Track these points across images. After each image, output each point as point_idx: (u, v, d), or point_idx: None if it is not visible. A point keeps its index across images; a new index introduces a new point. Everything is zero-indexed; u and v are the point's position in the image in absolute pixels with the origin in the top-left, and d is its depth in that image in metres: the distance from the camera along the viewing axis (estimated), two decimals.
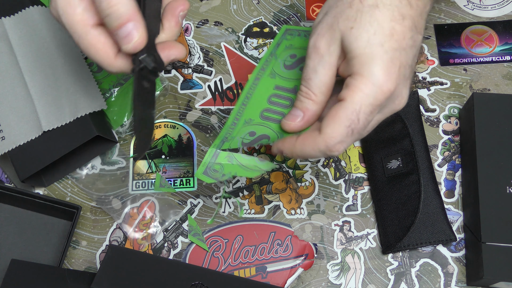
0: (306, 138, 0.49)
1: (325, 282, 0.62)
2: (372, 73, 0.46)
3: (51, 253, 0.64)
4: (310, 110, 0.50)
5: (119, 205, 0.65)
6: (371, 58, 0.46)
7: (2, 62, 0.65)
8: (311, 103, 0.50)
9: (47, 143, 0.63)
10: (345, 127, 0.47)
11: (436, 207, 0.62)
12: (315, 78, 0.49)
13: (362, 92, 0.46)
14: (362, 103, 0.47)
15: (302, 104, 0.50)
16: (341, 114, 0.47)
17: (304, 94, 0.50)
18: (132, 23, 0.45)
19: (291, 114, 0.52)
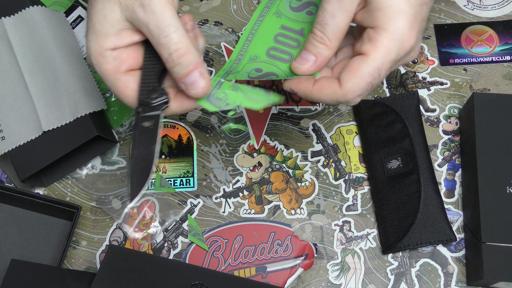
0: (325, 87, 0.49)
1: (325, 282, 0.62)
2: (397, 29, 0.46)
3: (51, 253, 0.64)
4: (323, 55, 0.50)
5: (119, 205, 0.65)
6: (397, 12, 0.46)
7: (2, 62, 0.65)
8: (324, 49, 0.49)
9: (47, 143, 0.63)
10: (367, 83, 0.47)
11: (436, 207, 0.62)
12: (332, 23, 0.48)
13: (386, 48, 0.46)
14: (385, 59, 0.47)
15: (315, 49, 0.50)
16: (364, 70, 0.47)
17: (318, 39, 0.49)
18: (198, 70, 0.49)
19: (302, 57, 0.51)
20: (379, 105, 0.67)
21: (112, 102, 0.68)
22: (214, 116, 0.69)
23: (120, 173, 0.67)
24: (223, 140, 0.68)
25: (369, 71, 0.47)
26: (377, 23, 0.47)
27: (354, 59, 0.48)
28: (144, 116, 0.50)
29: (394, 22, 0.46)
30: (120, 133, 0.69)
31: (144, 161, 0.49)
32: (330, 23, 0.48)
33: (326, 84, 0.49)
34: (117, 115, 0.68)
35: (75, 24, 0.71)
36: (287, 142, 0.68)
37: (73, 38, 0.69)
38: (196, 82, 0.49)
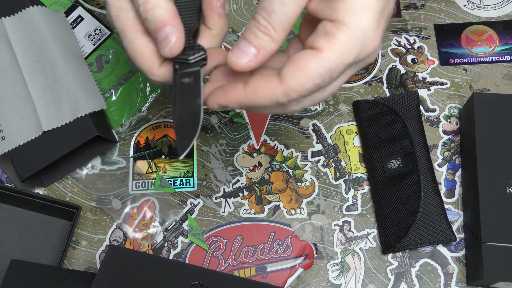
0: (260, 88, 0.42)
1: (325, 282, 0.62)
2: (361, 26, 0.39)
3: (51, 253, 0.64)
4: (267, 49, 0.42)
5: (119, 205, 0.65)
6: (362, 6, 0.39)
7: (2, 62, 0.65)
8: (269, 41, 0.42)
9: (47, 143, 0.63)
10: (314, 84, 0.41)
11: (436, 207, 0.62)
12: (280, 11, 0.41)
13: (344, 47, 0.40)
14: (340, 61, 0.40)
15: (258, 41, 0.42)
16: (313, 68, 0.40)
17: (262, 28, 0.41)
18: (169, 27, 0.44)
19: (240, 49, 0.42)
20: (379, 105, 0.67)
21: (112, 102, 0.68)
22: (214, 116, 0.69)
23: (120, 173, 0.67)
24: (223, 140, 0.68)
25: (319, 71, 0.40)
26: (337, 16, 0.40)
27: (303, 53, 0.41)
28: (183, 73, 0.47)
29: (357, 18, 0.39)
30: (120, 133, 0.69)
31: (190, 115, 0.45)
32: (278, 11, 0.40)
33: (261, 83, 0.42)
34: (117, 115, 0.69)
35: (75, 24, 0.71)
36: (287, 142, 0.68)
37: (73, 38, 0.69)
38: (165, 40, 0.45)
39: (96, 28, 0.71)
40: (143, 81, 0.69)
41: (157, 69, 0.47)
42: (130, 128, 0.69)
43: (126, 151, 0.68)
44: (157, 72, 0.47)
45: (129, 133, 0.69)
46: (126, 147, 0.68)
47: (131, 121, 0.69)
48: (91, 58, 0.70)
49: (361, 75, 0.71)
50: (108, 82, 0.69)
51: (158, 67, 0.47)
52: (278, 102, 0.42)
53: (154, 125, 0.69)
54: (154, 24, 0.45)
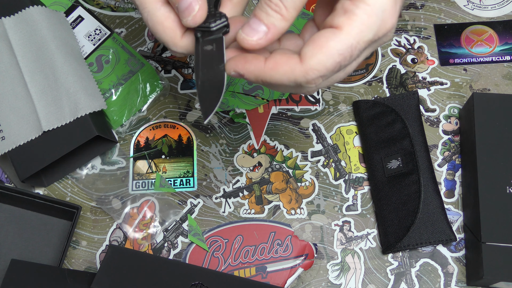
0: (281, 64, 0.41)
1: (325, 282, 0.62)
2: (379, 2, 0.39)
3: (51, 253, 0.64)
4: (278, 27, 0.41)
5: (119, 205, 0.65)
6: None
7: (2, 62, 0.65)
8: (279, 19, 0.41)
9: (47, 143, 0.63)
10: (335, 62, 0.40)
11: (436, 207, 0.62)
12: None
13: (364, 24, 0.39)
14: (361, 38, 0.40)
15: (268, 19, 0.41)
16: (333, 46, 0.39)
17: (273, 6, 0.41)
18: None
19: (251, 27, 0.42)
20: (379, 105, 0.67)
21: (112, 102, 0.68)
22: (214, 116, 0.69)
23: (120, 173, 0.67)
24: (223, 140, 0.68)
25: (340, 48, 0.39)
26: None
27: (323, 32, 0.40)
28: (205, 40, 0.46)
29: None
30: (120, 133, 0.69)
31: (213, 81, 0.44)
32: None
33: (283, 59, 0.41)
34: (117, 115, 0.69)
35: (75, 24, 0.71)
36: (287, 142, 0.68)
37: (73, 38, 0.69)
38: (188, 9, 0.43)
39: (96, 28, 0.71)
40: (143, 81, 0.69)
41: (179, 40, 0.46)
42: (130, 128, 0.69)
43: (126, 151, 0.68)
44: (180, 43, 0.46)
45: (129, 133, 0.69)
46: (126, 147, 0.68)
47: (131, 121, 0.69)
48: (91, 58, 0.70)
49: (361, 75, 0.71)
50: (108, 82, 0.69)
51: (180, 37, 0.46)
52: (296, 81, 0.41)
53: (154, 125, 0.69)
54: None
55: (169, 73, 0.72)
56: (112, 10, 0.75)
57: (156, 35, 0.47)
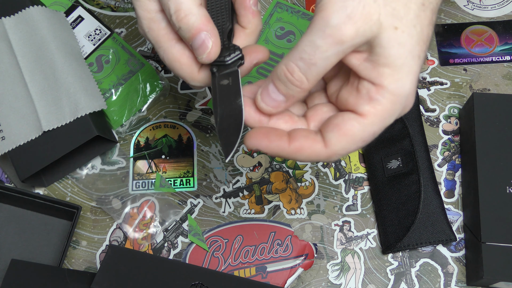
0: (306, 148, 0.42)
1: (325, 282, 0.62)
2: (404, 92, 0.39)
3: (51, 253, 0.64)
4: (296, 98, 0.42)
5: (119, 205, 0.65)
6: (408, 72, 0.39)
7: (2, 62, 0.65)
8: (299, 92, 0.41)
9: (47, 143, 0.63)
10: (357, 147, 0.41)
11: (436, 207, 0.62)
12: (320, 65, 0.39)
13: (388, 113, 0.40)
14: (383, 124, 0.40)
15: (287, 90, 0.41)
16: (358, 134, 0.40)
17: (295, 81, 0.40)
18: (204, 33, 0.44)
19: (269, 94, 0.42)
20: None
21: (112, 102, 0.68)
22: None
23: (120, 173, 0.67)
24: None
25: (364, 135, 0.40)
26: (382, 81, 0.39)
27: (346, 117, 0.40)
28: (221, 75, 0.46)
29: (402, 84, 0.39)
30: (120, 133, 0.69)
31: (232, 116, 0.44)
32: (320, 64, 0.39)
33: (308, 143, 0.41)
34: (117, 115, 0.69)
35: (75, 24, 0.71)
36: None
37: (73, 38, 0.69)
38: (202, 46, 0.44)
39: (96, 28, 0.71)
40: (143, 81, 0.69)
41: (196, 75, 0.47)
42: (130, 128, 0.69)
43: (126, 151, 0.68)
44: (197, 77, 0.47)
45: (129, 133, 0.69)
46: (126, 147, 0.68)
47: (131, 121, 0.69)
48: (91, 58, 0.70)
49: None
50: (108, 82, 0.69)
51: (197, 72, 0.47)
52: (320, 159, 0.42)
53: (154, 125, 0.69)
54: (188, 32, 0.45)
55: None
56: (112, 10, 0.75)
57: (174, 72, 0.48)
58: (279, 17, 0.73)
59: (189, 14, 0.44)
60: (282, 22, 0.72)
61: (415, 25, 0.38)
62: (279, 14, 0.73)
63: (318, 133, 0.42)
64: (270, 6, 0.73)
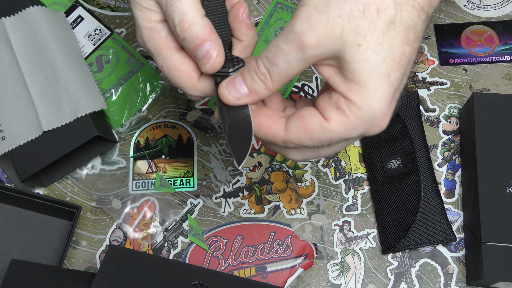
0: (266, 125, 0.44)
1: (325, 282, 0.62)
2: (371, 110, 0.40)
3: (51, 253, 0.64)
4: (259, 94, 0.43)
5: (119, 205, 0.65)
6: (375, 90, 0.39)
7: (2, 62, 0.65)
8: (263, 88, 0.42)
9: (47, 143, 0.63)
10: (312, 144, 0.42)
11: (436, 207, 0.62)
12: (282, 67, 0.41)
13: (351, 125, 0.40)
14: (344, 135, 0.41)
15: (252, 84, 0.43)
16: (316, 133, 0.41)
17: (260, 75, 0.42)
18: (208, 43, 0.45)
19: (234, 85, 0.44)
20: None
21: (112, 102, 0.68)
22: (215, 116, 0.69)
23: (120, 173, 0.67)
24: (223, 140, 0.68)
25: (321, 137, 0.41)
26: (350, 95, 0.40)
27: (313, 114, 0.42)
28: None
29: (369, 102, 0.39)
30: (120, 133, 0.69)
31: (241, 125, 0.45)
32: (281, 66, 0.41)
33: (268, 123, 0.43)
34: (117, 115, 0.69)
35: (75, 24, 0.71)
36: None
37: (73, 38, 0.69)
38: (206, 57, 0.45)
39: (96, 28, 0.71)
40: (143, 81, 0.69)
41: (196, 84, 0.48)
42: (130, 128, 0.69)
43: (126, 151, 0.68)
44: (197, 86, 0.48)
45: (129, 133, 0.69)
46: (126, 147, 0.68)
47: (131, 121, 0.69)
48: (91, 58, 0.70)
49: None
50: (108, 82, 0.69)
51: (197, 81, 0.48)
52: (276, 144, 0.44)
53: (154, 125, 0.69)
54: (193, 42, 0.45)
55: None
56: (112, 10, 0.75)
57: (172, 80, 0.48)
58: (279, 17, 0.73)
59: (193, 25, 0.45)
60: (282, 22, 0.72)
61: (381, 43, 0.38)
62: (279, 14, 0.73)
63: (284, 118, 0.43)
64: (270, 6, 0.73)
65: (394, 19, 0.39)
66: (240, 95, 0.43)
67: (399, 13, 0.39)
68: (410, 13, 0.39)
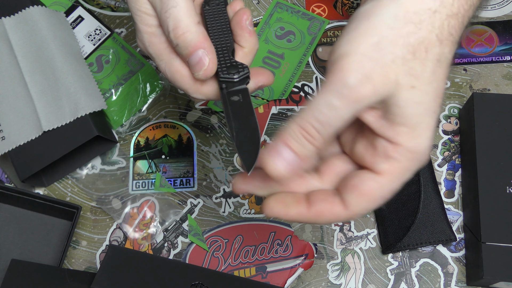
0: (325, 211, 0.40)
1: (325, 282, 0.62)
2: (421, 148, 0.38)
3: (51, 253, 0.64)
4: (309, 157, 0.39)
5: (119, 205, 0.65)
6: (425, 129, 0.38)
7: (2, 62, 0.65)
8: (313, 151, 0.38)
9: (47, 143, 0.63)
10: (377, 204, 0.40)
11: (436, 207, 0.62)
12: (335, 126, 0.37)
13: (406, 169, 0.39)
14: (402, 180, 0.39)
15: (301, 149, 0.38)
16: (377, 193, 0.39)
17: (310, 138, 0.38)
18: (201, 50, 0.45)
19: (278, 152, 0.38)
20: None
21: (112, 102, 0.68)
22: (214, 116, 0.69)
23: (120, 173, 0.67)
24: (223, 140, 0.68)
25: (383, 193, 0.39)
26: (399, 139, 0.38)
27: (363, 177, 0.39)
28: (230, 91, 0.47)
29: (420, 142, 0.38)
30: (120, 133, 0.69)
31: (249, 130, 0.45)
32: (335, 124, 0.37)
33: (327, 207, 0.40)
34: (117, 115, 0.69)
35: (75, 24, 0.71)
36: None
37: (73, 38, 0.69)
38: (199, 63, 0.45)
39: (96, 28, 0.71)
40: (143, 81, 0.69)
41: (199, 87, 0.48)
42: (130, 128, 0.69)
43: (126, 151, 0.68)
44: (201, 90, 0.48)
45: (129, 133, 0.69)
46: (126, 147, 0.68)
47: (131, 121, 0.69)
48: (91, 58, 0.70)
49: None
50: (108, 82, 0.69)
51: (200, 84, 0.48)
52: (340, 221, 0.42)
53: (154, 125, 0.69)
54: (186, 49, 0.45)
55: None
56: (112, 10, 0.75)
57: (175, 83, 0.48)
58: (279, 17, 0.73)
59: (187, 32, 0.45)
60: (282, 22, 0.72)
61: (431, 81, 0.37)
62: (279, 14, 0.73)
63: (336, 194, 0.41)
64: (270, 6, 0.73)
65: (439, 56, 0.38)
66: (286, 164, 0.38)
67: (442, 50, 0.38)
68: (449, 48, 0.38)
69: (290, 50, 0.71)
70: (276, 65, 0.70)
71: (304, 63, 0.71)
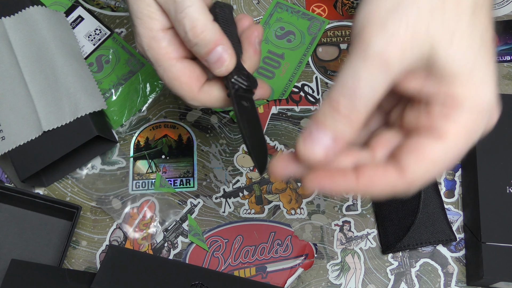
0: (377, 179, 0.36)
1: (325, 282, 0.62)
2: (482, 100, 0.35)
3: (51, 253, 0.64)
4: (347, 135, 0.35)
5: (119, 205, 0.65)
6: (481, 80, 0.35)
7: (2, 62, 0.65)
8: (349, 127, 0.34)
9: (47, 143, 0.63)
10: (440, 172, 0.36)
11: (436, 207, 0.62)
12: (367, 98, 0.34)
13: (470, 127, 0.35)
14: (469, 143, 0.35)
15: (336, 126, 0.34)
16: (440, 157, 0.35)
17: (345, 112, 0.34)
18: (220, 46, 0.45)
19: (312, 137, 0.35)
20: None
21: (112, 102, 0.68)
22: (214, 116, 0.69)
23: (120, 173, 0.67)
24: (223, 140, 0.68)
25: (448, 158, 0.35)
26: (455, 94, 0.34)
27: (424, 140, 0.35)
28: (240, 95, 0.47)
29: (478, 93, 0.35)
30: (120, 133, 0.69)
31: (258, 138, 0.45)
32: (366, 95, 0.33)
33: (378, 176, 0.35)
34: (117, 115, 0.69)
35: (75, 24, 0.71)
36: (287, 142, 0.68)
37: (73, 38, 0.69)
38: (220, 60, 0.45)
39: (96, 28, 0.71)
40: (143, 81, 0.69)
41: (196, 94, 0.48)
42: (130, 128, 0.69)
43: (126, 151, 0.68)
44: (198, 97, 0.48)
45: (129, 133, 0.69)
46: (126, 147, 0.68)
47: (131, 121, 0.69)
48: (91, 58, 0.70)
49: None
50: (108, 82, 0.69)
51: (197, 92, 0.48)
52: (396, 190, 0.36)
53: (154, 125, 0.69)
54: (206, 47, 0.45)
55: None
56: (112, 10, 0.75)
57: (173, 90, 0.48)
58: (279, 17, 0.73)
59: (205, 30, 0.45)
60: (282, 22, 0.72)
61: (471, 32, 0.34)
62: (279, 14, 0.73)
63: (389, 163, 0.36)
64: (270, 6, 0.73)
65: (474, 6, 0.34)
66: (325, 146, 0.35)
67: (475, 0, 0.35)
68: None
69: (290, 50, 0.71)
70: (276, 65, 0.70)
71: (304, 63, 0.71)
